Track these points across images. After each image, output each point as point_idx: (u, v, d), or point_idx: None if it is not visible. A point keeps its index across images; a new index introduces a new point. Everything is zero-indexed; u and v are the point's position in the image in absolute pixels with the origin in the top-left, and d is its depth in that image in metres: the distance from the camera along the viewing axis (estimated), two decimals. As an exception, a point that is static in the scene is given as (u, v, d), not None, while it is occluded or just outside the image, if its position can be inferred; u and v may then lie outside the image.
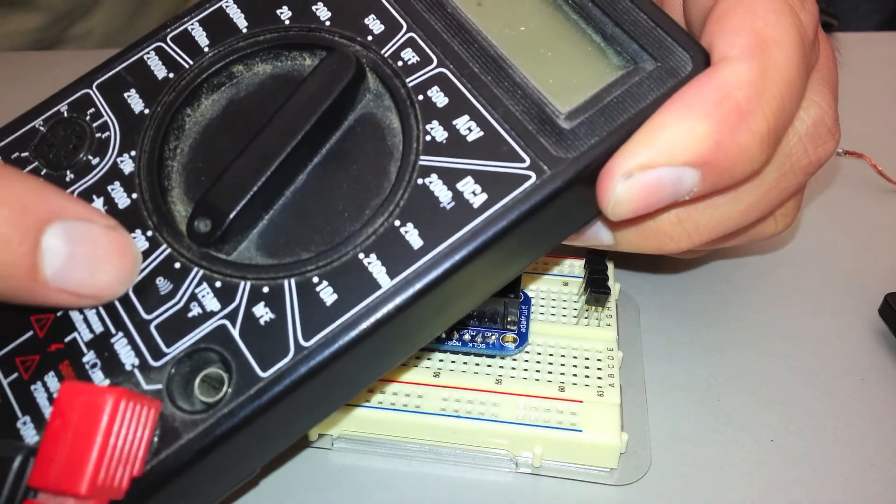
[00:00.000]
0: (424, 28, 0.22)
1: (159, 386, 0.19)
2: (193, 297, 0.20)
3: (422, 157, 0.20)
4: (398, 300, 0.19)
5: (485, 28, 0.22)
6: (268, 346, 0.19)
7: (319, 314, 0.19)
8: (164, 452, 0.19)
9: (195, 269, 0.20)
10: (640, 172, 0.19)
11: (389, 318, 0.19)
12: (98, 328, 0.20)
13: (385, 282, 0.19)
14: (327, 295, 0.19)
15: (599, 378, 0.25)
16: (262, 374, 0.19)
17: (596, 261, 0.28)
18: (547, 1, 0.22)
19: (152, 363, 0.19)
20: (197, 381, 0.19)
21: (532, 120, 0.20)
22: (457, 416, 0.24)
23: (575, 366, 0.26)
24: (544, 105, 0.20)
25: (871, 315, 0.30)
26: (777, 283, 0.32)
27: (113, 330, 0.20)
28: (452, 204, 0.20)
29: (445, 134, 0.21)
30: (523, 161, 0.20)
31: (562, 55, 0.22)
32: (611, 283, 0.27)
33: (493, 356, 0.26)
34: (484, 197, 0.20)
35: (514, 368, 0.26)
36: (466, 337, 0.26)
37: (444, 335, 0.26)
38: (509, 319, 0.26)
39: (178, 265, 0.20)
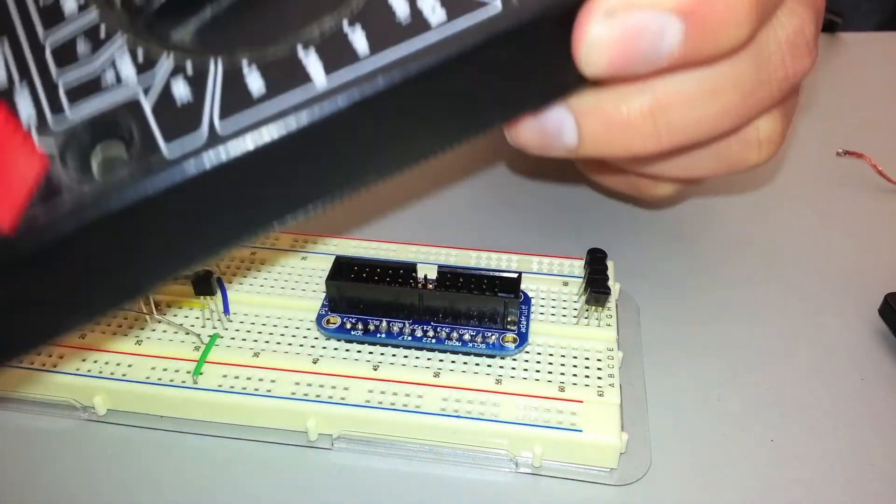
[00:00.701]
0: None
1: (53, 149, 0.17)
2: (111, 64, 0.18)
3: None
4: (330, 103, 0.17)
5: None
6: (180, 126, 0.17)
7: (242, 102, 0.18)
8: (42, 218, 0.16)
9: (119, 34, 0.19)
10: (623, 13, 0.19)
11: (317, 123, 0.17)
12: (1, 78, 0.19)
13: (320, 80, 0.18)
14: (255, 82, 0.18)
15: (599, 378, 0.25)
16: (166, 153, 0.17)
17: (596, 261, 0.28)
18: None
19: (51, 121, 0.18)
20: (96, 153, 0.18)
21: None
22: (457, 416, 0.24)
23: (575, 366, 0.26)
24: None
25: (871, 315, 0.30)
26: (777, 282, 0.32)
27: (18, 82, 0.19)
28: (409, 20, 0.18)
29: None
30: None
31: None
32: (611, 283, 0.27)
33: (493, 356, 0.26)
34: (443, 15, 0.18)
35: (514, 368, 0.26)
36: (466, 337, 0.26)
37: (444, 335, 0.26)
38: (509, 319, 0.26)
39: (102, 29, 0.19)
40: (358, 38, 0.18)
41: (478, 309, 0.26)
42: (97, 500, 0.23)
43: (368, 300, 0.26)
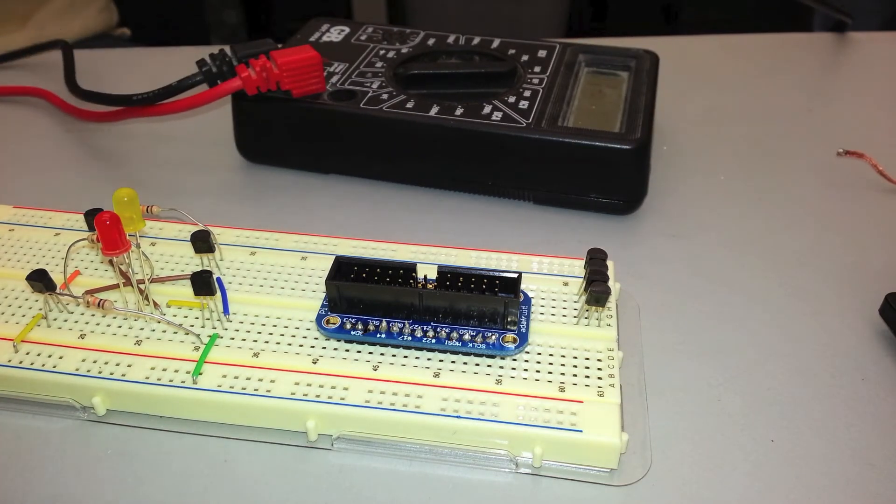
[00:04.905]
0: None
1: (328, 88, 0.37)
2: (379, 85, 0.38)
3: None
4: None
5: None
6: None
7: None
8: (324, 96, 0.36)
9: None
10: None
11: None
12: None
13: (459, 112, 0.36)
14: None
15: (599, 378, 0.25)
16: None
17: (596, 261, 0.28)
18: None
19: (330, 83, 0.37)
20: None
21: None
22: (457, 417, 0.24)
23: (575, 366, 0.26)
24: None
25: (871, 315, 0.30)
26: (777, 282, 0.32)
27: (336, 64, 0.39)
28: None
29: None
30: None
31: None
32: (611, 283, 0.27)
33: (493, 356, 0.26)
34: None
35: (514, 368, 0.26)
36: (466, 337, 0.26)
37: (444, 335, 0.26)
38: (509, 319, 0.26)
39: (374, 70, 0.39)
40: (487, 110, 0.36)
41: (478, 309, 0.26)
42: (97, 500, 0.23)
43: (368, 300, 0.26)
